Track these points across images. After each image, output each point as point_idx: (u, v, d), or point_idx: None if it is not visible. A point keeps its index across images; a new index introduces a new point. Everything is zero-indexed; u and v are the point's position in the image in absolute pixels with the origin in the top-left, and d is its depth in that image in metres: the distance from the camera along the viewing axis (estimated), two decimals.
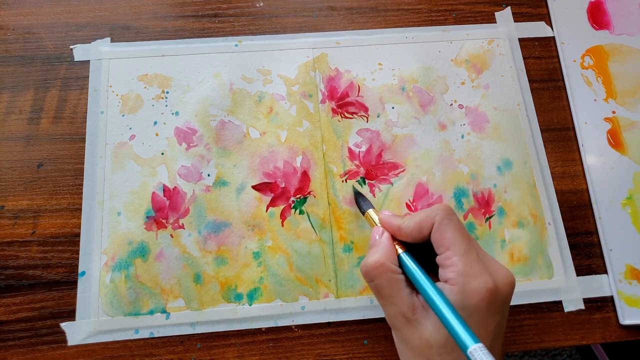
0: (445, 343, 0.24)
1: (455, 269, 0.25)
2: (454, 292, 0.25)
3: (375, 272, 0.27)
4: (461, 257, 0.25)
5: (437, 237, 0.26)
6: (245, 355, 0.33)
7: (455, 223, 0.27)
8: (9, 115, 0.37)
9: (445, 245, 0.26)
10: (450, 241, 0.26)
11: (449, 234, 0.26)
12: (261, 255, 0.35)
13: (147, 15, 0.41)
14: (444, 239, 0.26)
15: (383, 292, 0.27)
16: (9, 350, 0.32)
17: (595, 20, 0.43)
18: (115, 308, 0.33)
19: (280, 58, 0.40)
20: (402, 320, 0.26)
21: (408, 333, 0.26)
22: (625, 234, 0.36)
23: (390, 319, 0.27)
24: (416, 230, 0.27)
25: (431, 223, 0.27)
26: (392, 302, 0.26)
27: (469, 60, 0.41)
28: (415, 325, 0.25)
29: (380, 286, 0.27)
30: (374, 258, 0.27)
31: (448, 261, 0.26)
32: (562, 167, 0.38)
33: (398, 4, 0.43)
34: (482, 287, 0.24)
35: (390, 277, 0.26)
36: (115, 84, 0.38)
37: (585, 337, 0.34)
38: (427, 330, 0.25)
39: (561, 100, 0.40)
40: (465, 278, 0.25)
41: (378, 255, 0.27)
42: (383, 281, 0.26)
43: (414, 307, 0.26)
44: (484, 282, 0.24)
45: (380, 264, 0.27)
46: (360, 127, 0.38)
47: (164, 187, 0.36)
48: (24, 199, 0.35)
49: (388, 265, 0.27)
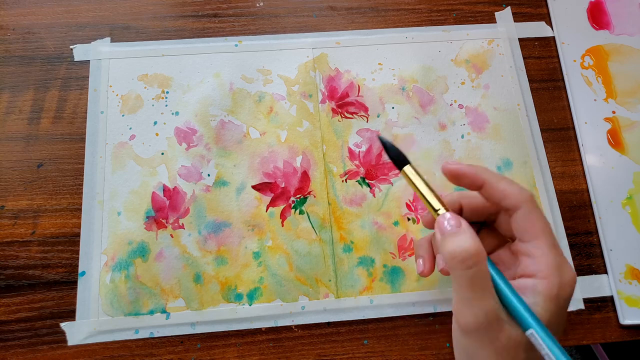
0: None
1: (546, 261, 0.24)
2: (550, 285, 0.23)
3: (475, 259, 0.23)
4: (551, 248, 0.24)
5: (525, 223, 0.25)
6: (245, 355, 0.33)
7: (543, 215, 0.25)
8: (9, 115, 0.37)
9: (535, 234, 0.25)
10: (541, 231, 0.25)
11: (540, 223, 0.25)
12: (261, 255, 0.35)
13: (147, 15, 0.41)
14: (535, 227, 0.25)
15: (478, 284, 0.23)
16: (9, 350, 0.32)
17: (595, 20, 0.43)
18: (115, 308, 0.33)
19: (280, 58, 0.40)
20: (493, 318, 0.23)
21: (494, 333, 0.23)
22: (625, 234, 0.36)
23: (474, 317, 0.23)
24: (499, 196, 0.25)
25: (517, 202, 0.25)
26: (485, 296, 0.23)
27: (469, 60, 0.41)
28: (503, 324, 0.23)
29: (477, 276, 0.23)
30: (471, 243, 0.24)
31: (539, 251, 0.24)
32: (562, 167, 0.38)
33: (398, 4, 0.43)
34: (573, 279, 0.24)
35: (486, 268, 0.24)
36: (115, 84, 0.38)
37: (585, 337, 0.34)
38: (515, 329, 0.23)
39: (561, 100, 0.40)
40: (559, 271, 0.24)
41: (475, 240, 0.24)
42: (482, 270, 0.23)
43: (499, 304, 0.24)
44: (573, 274, 0.24)
45: (481, 250, 0.24)
46: (360, 127, 0.38)
47: (164, 187, 0.36)
48: (24, 199, 0.35)
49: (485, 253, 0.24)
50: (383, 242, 0.35)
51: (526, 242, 0.25)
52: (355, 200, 0.36)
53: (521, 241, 0.25)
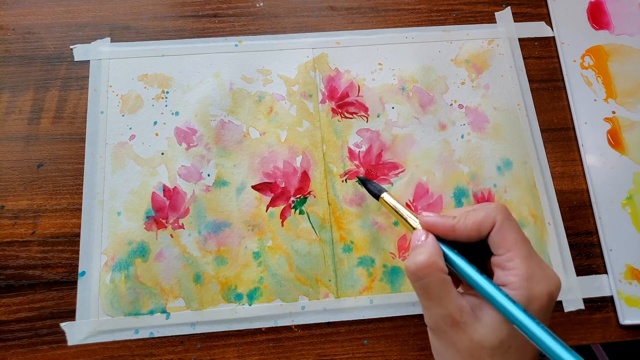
0: (499, 345, 0.24)
1: (518, 272, 0.24)
2: (517, 296, 0.24)
3: (425, 271, 0.25)
4: (523, 260, 0.24)
5: (498, 238, 0.25)
6: (245, 355, 0.33)
7: (515, 224, 0.26)
8: (9, 115, 0.37)
9: (507, 247, 0.25)
10: (512, 243, 0.25)
11: (511, 236, 0.25)
12: (261, 255, 0.35)
13: (147, 15, 0.41)
14: (506, 240, 0.25)
15: (432, 293, 0.25)
16: (9, 350, 0.32)
17: (595, 20, 0.43)
18: (115, 308, 0.33)
19: (280, 58, 0.40)
20: (450, 323, 0.25)
21: (456, 336, 0.24)
22: (625, 234, 0.36)
23: (435, 322, 0.25)
24: (475, 230, 0.26)
25: (492, 223, 0.26)
26: (440, 303, 0.25)
27: (469, 60, 0.41)
28: (464, 327, 0.24)
29: (429, 286, 0.25)
30: (423, 257, 0.25)
31: (510, 263, 0.25)
32: (562, 167, 0.38)
33: (398, 4, 0.43)
34: (545, 292, 0.24)
35: (440, 277, 0.25)
36: (115, 84, 0.38)
37: (585, 337, 0.34)
38: (478, 333, 0.24)
39: (561, 100, 0.40)
40: (529, 283, 0.24)
41: (427, 254, 0.25)
42: (433, 281, 0.25)
43: (463, 309, 0.25)
44: (546, 287, 0.24)
45: (432, 263, 0.25)
46: (360, 127, 0.38)
47: (164, 187, 0.36)
48: (24, 199, 0.35)
49: (439, 264, 0.25)
50: (383, 242, 0.35)
51: (500, 255, 0.25)
52: (355, 200, 0.36)
53: (496, 255, 0.26)
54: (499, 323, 0.24)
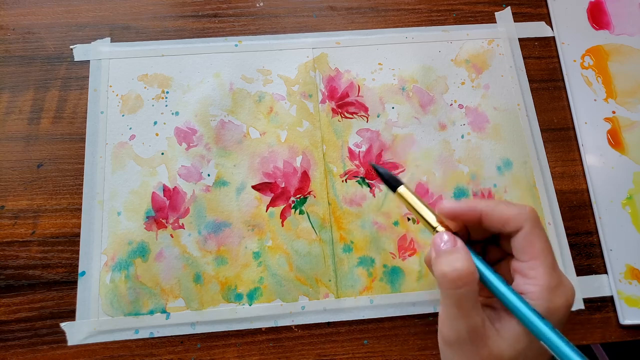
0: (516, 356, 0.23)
1: (539, 283, 0.24)
2: (536, 307, 0.23)
3: (465, 280, 0.24)
4: (547, 270, 0.24)
5: (525, 244, 0.25)
6: (245, 355, 0.33)
7: (544, 233, 0.25)
8: (9, 115, 0.37)
9: (532, 255, 0.24)
10: (539, 252, 0.24)
11: (539, 244, 0.24)
12: (261, 255, 0.35)
13: (147, 15, 0.41)
14: (533, 247, 0.24)
15: (464, 303, 0.24)
16: (9, 350, 0.32)
17: (595, 20, 0.43)
18: (115, 308, 0.33)
19: (280, 58, 0.40)
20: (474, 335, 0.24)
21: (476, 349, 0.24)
22: (625, 234, 0.36)
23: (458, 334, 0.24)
24: (501, 223, 0.25)
25: (519, 225, 0.25)
26: (469, 314, 0.24)
27: (469, 60, 0.41)
28: (486, 340, 0.24)
29: (465, 297, 0.24)
30: (463, 264, 0.24)
31: (533, 272, 0.24)
32: (562, 167, 0.38)
33: (398, 4, 0.43)
34: (564, 304, 0.24)
35: (475, 289, 0.24)
36: (115, 84, 0.38)
37: (585, 337, 0.34)
38: (498, 347, 0.24)
39: (561, 100, 0.40)
40: (549, 294, 0.24)
41: (467, 261, 0.24)
42: (470, 291, 0.24)
43: (485, 321, 0.24)
44: (565, 300, 0.24)
45: (472, 273, 0.24)
46: (360, 127, 0.38)
47: (164, 187, 0.36)
48: (24, 199, 0.35)
49: (477, 275, 0.24)
50: (383, 242, 0.35)
51: (523, 262, 0.25)
52: (355, 200, 0.36)
53: (518, 260, 0.25)
54: (519, 336, 0.24)
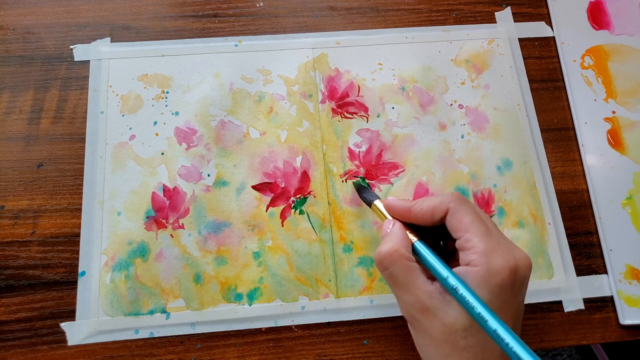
0: (470, 325, 0.24)
1: (476, 250, 0.25)
2: (479, 273, 0.24)
3: (390, 260, 0.26)
4: (482, 237, 0.25)
5: (454, 222, 0.26)
6: (245, 355, 0.33)
7: (471, 207, 0.27)
8: (9, 115, 0.37)
9: (464, 229, 0.26)
10: (468, 224, 0.26)
11: (467, 218, 0.26)
12: (261, 255, 0.35)
13: (147, 15, 0.41)
14: (462, 222, 0.26)
15: (399, 280, 0.26)
16: (9, 350, 0.32)
17: (595, 20, 0.43)
18: (115, 308, 0.33)
19: (280, 58, 0.40)
20: (420, 309, 0.25)
21: (428, 322, 0.25)
22: (625, 234, 0.36)
23: (407, 309, 0.26)
24: (428, 214, 0.27)
25: (445, 209, 0.27)
26: (408, 290, 0.26)
27: (469, 60, 0.41)
28: (435, 312, 0.25)
29: (395, 274, 0.26)
30: (387, 246, 0.27)
31: (469, 243, 0.25)
32: (562, 167, 0.38)
33: (398, 4, 0.43)
34: (505, 266, 0.24)
35: (405, 265, 0.26)
36: (115, 84, 0.38)
37: (585, 337, 0.34)
38: (449, 316, 0.24)
39: (561, 100, 0.40)
40: (487, 258, 0.24)
41: (391, 243, 0.27)
42: (398, 268, 0.26)
43: (432, 294, 0.25)
44: (506, 261, 0.24)
45: (394, 251, 0.26)
46: (360, 127, 0.38)
47: (164, 187, 0.36)
48: (24, 199, 0.35)
49: (402, 252, 0.26)
50: None
51: (459, 238, 0.26)
52: (356, 200, 0.36)
53: (456, 238, 0.26)
54: None
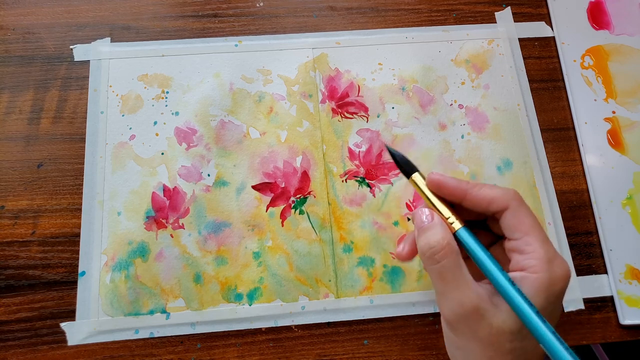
0: (519, 330, 0.23)
1: (537, 256, 0.24)
2: (539, 280, 0.23)
3: (442, 253, 0.24)
4: (542, 243, 0.24)
5: (514, 222, 0.25)
6: (245, 355, 0.33)
7: (530, 210, 0.25)
8: (9, 115, 0.37)
9: (524, 231, 0.24)
10: (530, 227, 0.25)
11: (528, 220, 0.25)
12: (261, 255, 0.35)
13: (147, 15, 0.41)
14: (523, 224, 0.25)
15: (449, 276, 0.24)
16: (9, 350, 0.32)
17: (595, 20, 0.43)
18: (115, 308, 0.33)
19: (280, 58, 0.40)
20: (470, 309, 0.23)
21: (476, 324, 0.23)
22: (625, 234, 0.36)
23: (453, 310, 0.24)
24: (485, 202, 0.25)
25: (504, 204, 0.25)
26: (458, 287, 0.24)
27: (469, 60, 0.41)
28: (484, 313, 0.23)
29: (446, 269, 0.24)
30: (438, 237, 0.24)
31: (529, 247, 0.24)
32: (562, 167, 0.38)
33: (398, 4, 0.43)
34: (564, 275, 0.24)
35: (456, 260, 0.24)
36: (115, 84, 0.38)
37: (585, 337, 0.34)
38: (497, 319, 0.23)
39: (561, 100, 0.40)
40: (549, 265, 0.23)
41: (442, 233, 0.24)
42: (450, 263, 0.24)
43: (481, 294, 0.24)
44: (564, 270, 0.24)
45: (447, 243, 0.24)
46: (360, 127, 0.38)
47: (164, 187, 0.36)
48: (24, 199, 0.35)
49: (453, 245, 0.24)
50: (383, 242, 0.35)
51: (516, 239, 0.25)
52: (355, 200, 0.36)
53: (511, 239, 0.25)
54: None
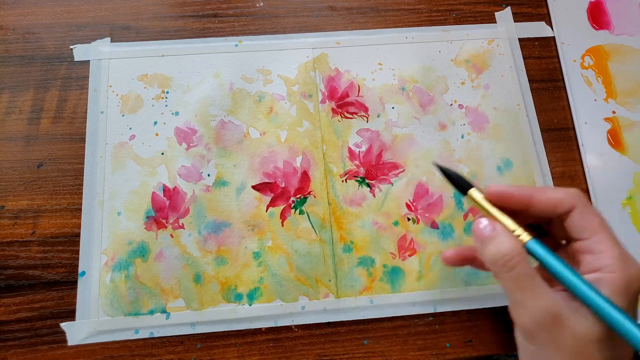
0: (606, 337, 0.22)
1: (611, 255, 0.23)
2: (618, 279, 0.22)
3: (516, 260, 0.23)
4: (614, 242, 0.24)
5: (583, 222, 0.24)
6: (245, 355, 0.33)
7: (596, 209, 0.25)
8: (9, 115, 0.37)
9: (594, 230, 0.24)
10: (599, 226, 0.24)
11: (597, 219, 0.24)
12: (261, 255, 0.35)
13: (147, 15, 0.41)
14: (593, 223, 0.24)
15: (525, 283, 0.23)
16: (9, 350, 0.32)
17: (595, 20, 0.43)
18: (115, 308, 0.33)
19: (280, 58, 0.40)
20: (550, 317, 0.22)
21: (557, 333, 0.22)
22: (625, 234, 0.36)
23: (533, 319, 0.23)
24: (551, 205, 0.25)
25: (571, 205, 0.24)
26: (535, 296, 0.23)
27: (469, 60, 0.41)
28: (565, 321, 0.22)
29: (522, 276, 0.23)
30: (508, 245, 0.24)
31: (601, 246, 0.23)
32: (562, 167, 0.38)
33: (398, 4, 0.43)
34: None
35: (529, 267, 0.23)
36: (115, 84, 0.38)
37: None
38: (581, 325, 0.22)
39: (561, 100, 0.40)
40: (625, 263, 0.23)
41: (511, 242, 0.24)
42: (525, 269, 0.23)
43: (558, 301, 0.23)
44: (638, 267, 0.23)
45: (520, 251, 0.24)
46: (360, 127, 0.38)
47: (164, 187, 0.36)
48: (24, 199, 0.35)
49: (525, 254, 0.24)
50: (383, 242, 0.35)
51: (586, 239, 0.24)
52: (355, 200, 0.36)
53: (580, 240, 0.24)
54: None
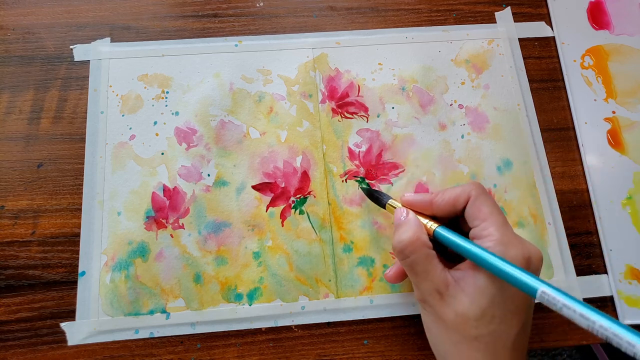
0: (482, 315, 0.25)
1: (492, 239, 0.26)
2: None
3: (411, 248, 0.27)
4: (498, 227, 0.26)
5: (473, 210, 0.27)
6: (245, 355, 0.33)
7: (490, 198, 0.28)
8: (9, 115, 0.37)
9: (482, 218, 0.27)
10: (487, 214, 0.27)
11: (486, 208, 0.27)
12: (261, 255, 0.35)
13: (147, 15, 0.41)
14: (481, 211, 0.27)
15: (418, 267, 0.27)
16: (9, 350, 0.32)
17: (595, 20, 0.43)
18: (115, 308, 0.33)
19: (280, 58, 0.40)
20: (436, 296, 0.26)
21: (442, 309, 0.26)
22: (625, 234, 0.36)
23: (423, 296, 0.27)
24: (450, 204, 0.28)
25: (466, 198, 0.28)
26: (426, 277, 0.27)
27: (469, 60, 0.41)
28: (449, 300, 0.26)
29: (416, 262, 0.27)
30: (408, 234, 0.27)
31: (485, 231, 0.26)
32: (562, 167, 0.38)
33: (398, 4, 0.43)
34: (520, 255, 0.25)
35: (425, 252, 0.27)
36: (115, 84, 0.38)
37: (585, 337, 0.34)
38: (462, 304, 0.25)
39: (561, 100, 0.40)
40: (503, 247, 0.25)
41: (412, 231, 0.27)
42: (419, 256, 0.27)
43: (448, 282, 0.26)
44: (520, 250, 0.25)
45: (416, 239, 0.27)
46: (360, 127, 0.38)
47: (164, 187, 0.36)
48: (24, 199, 0.35)
49: (423, 239, 0.27)
50: (383, 242, 0.35)
51: (476, 227, 0.27)
52: (355, 200, 0.36)
53: (472, 227, 0.27)
54: (479, 291, 0.25)
